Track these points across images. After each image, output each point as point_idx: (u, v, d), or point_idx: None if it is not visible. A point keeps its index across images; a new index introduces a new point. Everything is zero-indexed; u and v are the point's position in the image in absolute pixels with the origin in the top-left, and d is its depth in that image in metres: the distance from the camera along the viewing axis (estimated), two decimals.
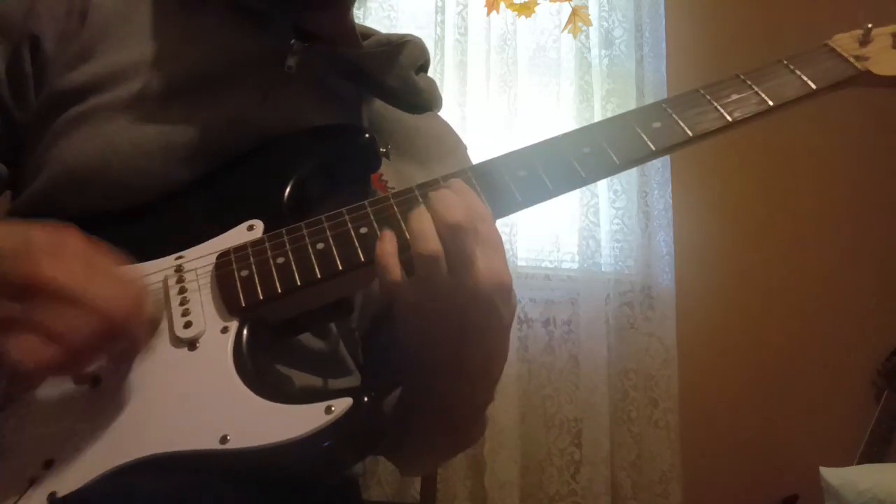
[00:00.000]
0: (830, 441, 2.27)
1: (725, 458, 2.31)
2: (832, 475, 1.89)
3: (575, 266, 2.27)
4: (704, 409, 2.31)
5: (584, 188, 2.26)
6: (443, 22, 2.27)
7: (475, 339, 0.61)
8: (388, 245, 0.59)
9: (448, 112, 2.20)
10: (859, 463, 2.17)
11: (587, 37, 2.34)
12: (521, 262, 2.23)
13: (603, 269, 2.25)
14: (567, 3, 2.29)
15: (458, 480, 2.09)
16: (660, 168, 2.34)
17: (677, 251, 2.31)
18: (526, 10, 2.21)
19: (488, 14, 2.26)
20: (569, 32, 2.27)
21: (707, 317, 2.37)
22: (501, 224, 2.18)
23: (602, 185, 2.30)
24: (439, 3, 2.28)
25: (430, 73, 0.95)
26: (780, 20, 2.41)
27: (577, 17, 2.24)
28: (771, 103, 0.68)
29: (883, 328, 2.40)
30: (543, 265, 2.30)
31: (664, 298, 2.28)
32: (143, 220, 0.70)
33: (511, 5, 2.22)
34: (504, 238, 2.18)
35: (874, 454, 2.21)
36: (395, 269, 0.58)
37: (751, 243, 2.45)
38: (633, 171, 2.31)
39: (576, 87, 2.32)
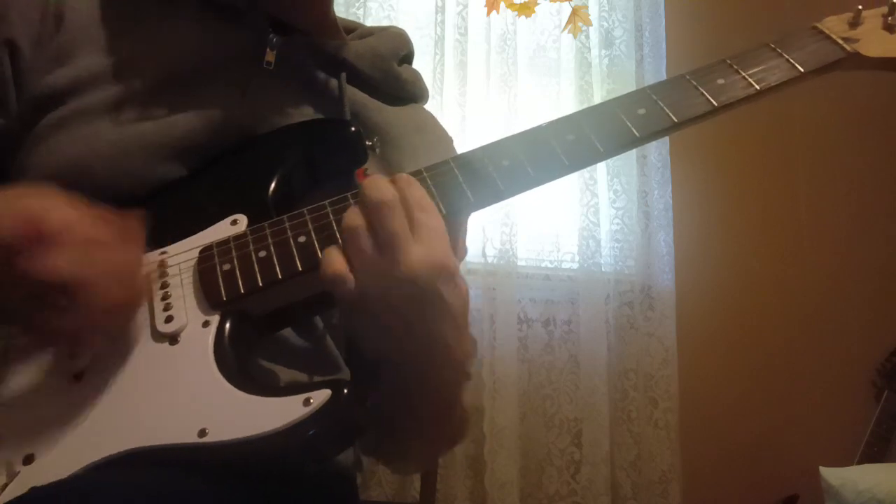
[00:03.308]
0: (830, 441, 2.27)
1: (725, 458, 2.30)
2: (832, 475, 1.90)
3: (575, 266, 2.27)
4: (704, 409, 2.31)
5: (584, 189, 2.27)
6: (443, 22, 2.27)
7: (422, 328, 0.59)
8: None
9: (448, 112, 2.21)
10: (859, 463, 2.17)
11: (587, 37, 2.35)
12: (521, 262, 2.23)
13: (603, 269, 2.25)
14: (567, 3, 2.29)
15: (458, 480, 2.09)
16: (660, 168, 2.34)
17: (677, 251, 2.31)
18: (526, 10, 2.21)
19: (488, 14, 2.26)
20: (569, 32, 2.27)
21: (707, 317, 2.37)
22: (501, 224, 2.19)
23: (602, 185, 2.30)
24: (439, 3, 2.28)
25: (430, 74, 0.94)
26: (782, 20, 2.41)
27: (577, 17, 2.24)
28: (758, 87, 0.67)
29: (883, 328, 2.40)
30: (543, 265, 2.30)
31: (664, 298, 2.28)
32: None
33: (511, 5, 2.22)
34: (504, 238, 2.20)
35: (874, 454, 2.21)
36: (336, 259, 0.58)
37: (751, 243, 2.45)
38: (633, 171, 2.32)
39: (576, 87, 2.32)
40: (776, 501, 2.17)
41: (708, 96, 0.66)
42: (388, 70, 0.86)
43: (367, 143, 0.74)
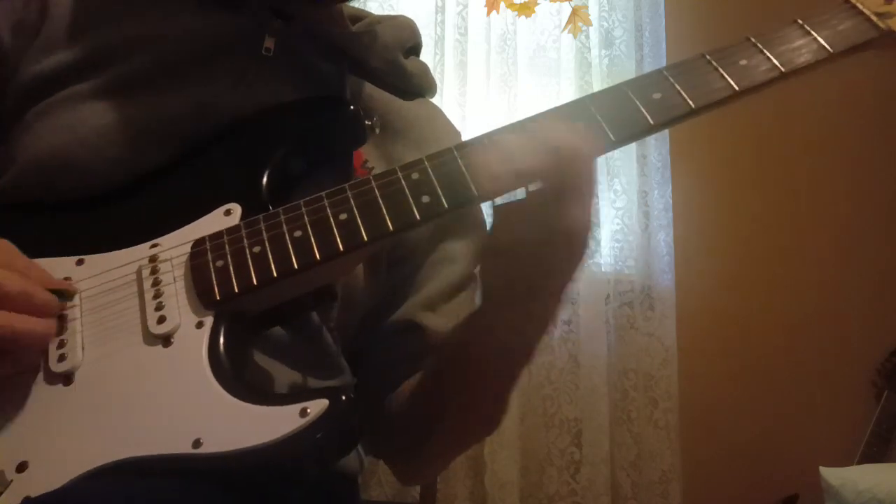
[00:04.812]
0: (830, 441, 2.27)
1: (725, 458, 2.30)
2: (832, 475, 1.89)
3: None
4: (704, 409, 2.31)
5: None
6: (443, 22, 2.27)
7: (559, 281, 0.58)
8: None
9: (448, 112, 2.19)
10: (859, 463, 2.17)
11: (587, 37, 2.34)
12: None
13: (603, 269, 2.25)
14: (567, 3, 2.29)
15: (458, 480, 2.09)
16: (660, 168, 2.34)
17: (677, 251, 2.31)
18: (526, 10, 2.21)
19: (488, 14, 2.26)
20: (569, 32, 2.27)
21: (707, 317, 2.37)
22: None
23: (602, 185, 2.30)
24: (439, 3, 2.27)
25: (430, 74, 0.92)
26: (783, 20, 2.40)
27: (577, 17, 2.24)
28: (783, 69, 0.61)
29: (883, 328, 2.40)
30: None
31: (664, 298, 2.28)
32: (118, 206, 0.68)
33: (511, 5, 2.22)
34: None
35: (874, 454, 2.21)
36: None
37: (750, 243, 2.44)
38: (634, 171, 2.31)
39: (576, 87, 2.32)
40: (776, 501, 2.17)
41: (730, 79, 0.61)
42: (393, 61, 0.83)
43: (366, 122, 0.71)
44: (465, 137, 0.93)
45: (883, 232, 2.49)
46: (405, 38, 0.86)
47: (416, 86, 0.87)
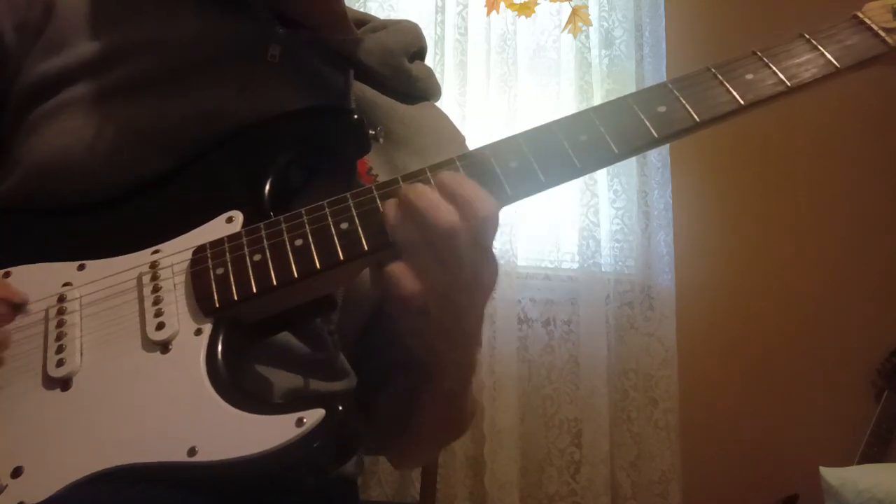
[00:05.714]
0: (830, 441, 2.27)
1: (725, 458, 2.30)
2: (832, 475, 1.89)
3: (575, 266, 2.26)
4: (704, 409, 2.31)
5: (584, 189, 2.26)
6: (443, 22, 2.27)
7: (472, 318, 0.60)
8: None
9: (448, 112, 2.19)
10: (859, 463, 2.17)
11: (587, 37, 2.34)
12: (521, 262, 2.22)
13: (603, 269, 2.25)
14: (567, 3, 2.28)
15: (458, 480, 2.09)
16: (660, 168, 2.34)
17: (677, 251, 2.31)
18: (526, 10, 2.21)
19: (488, 14, 2.25)
20: (569, 32, 2.27)
21: (707, 317, 2.37)
22: (500, 223, 2.17)
23: (602, 185, 2.30)
24: (439, 3, 2.27)
25: None
26: (783, 20, 2.40)
27: (577, 17, 2.24)
28: (789, 84, 0.61)
29: (883, 328, 2.40)
30: (543, 265, 2.30)
31: (664, 298, 2.28)
32: (120, 211, 0.68)
33: (511, 5, 2.21)
34: (504, 238, 2.19)
35: (874, 454, 2.21)
36: (410, 280, 0.56)
37: (751, 243, 2.44)
38: (633, 171, 2.31)
39: (576, 87, 2.32)
40: (776, 501, 2.17)
41: (735, 93, 0.61)
42: (398, 66, 0.83)
43: (370, 132, 0.71)
44: (465, 138, 0.94)
45: (883, 232, 2.49)
46: (409, 42, 0.86)
47: (421, 90, 0.87)
